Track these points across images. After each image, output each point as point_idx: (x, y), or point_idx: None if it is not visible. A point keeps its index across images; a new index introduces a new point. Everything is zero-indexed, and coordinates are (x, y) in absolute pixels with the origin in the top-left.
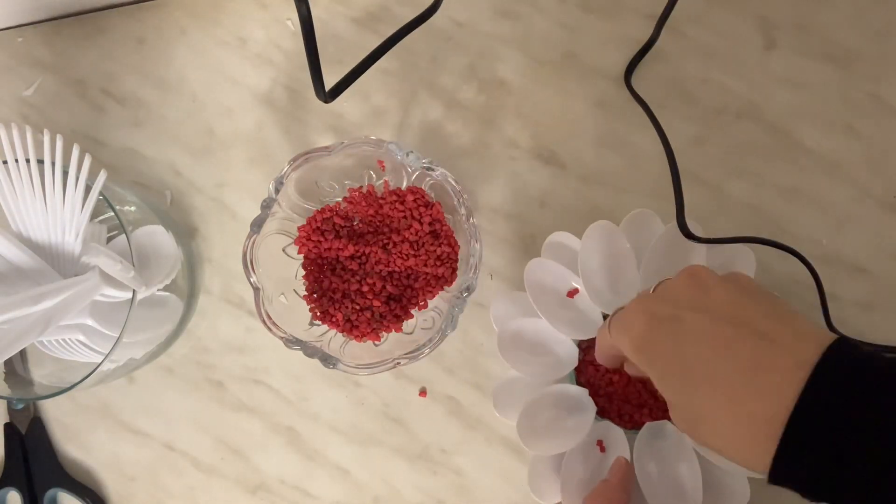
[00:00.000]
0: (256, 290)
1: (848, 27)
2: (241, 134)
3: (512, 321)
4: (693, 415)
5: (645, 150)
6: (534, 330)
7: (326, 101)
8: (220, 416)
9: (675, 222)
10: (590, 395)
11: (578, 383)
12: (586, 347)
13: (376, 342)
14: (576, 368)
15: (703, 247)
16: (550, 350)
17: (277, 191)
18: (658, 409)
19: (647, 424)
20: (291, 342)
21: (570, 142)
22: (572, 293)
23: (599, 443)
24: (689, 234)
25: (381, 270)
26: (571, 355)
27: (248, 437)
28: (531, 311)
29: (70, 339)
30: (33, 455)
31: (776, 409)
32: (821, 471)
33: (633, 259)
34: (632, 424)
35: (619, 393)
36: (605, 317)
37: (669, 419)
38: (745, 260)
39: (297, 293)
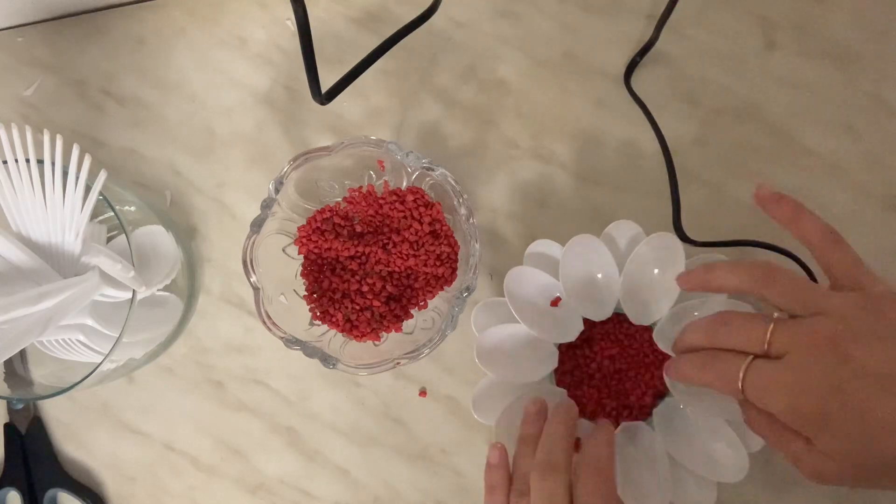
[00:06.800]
0: (256, 290)
1: (848, 27)
2: (241, 134)
3: (490, 330)
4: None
5: (645, 150)
6: (513, 335)
7: (323, 103)
8: (220, 416)
9: (658, 232)
10: (568, 395)
11: (557, 384)
12: (565, 348)
13: (376, 342)
14: (554, 370)
15: (683, 255)
16: (530, 353)
17: (277, 191)
18: (634, 409)
19: (623, 424)
20: (291, 342)
21: (569, 142)
22: (555, 302)
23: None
24: (684, 238)
25: (381, 270)
26: (551, 357)
27: (248, 437)
28: (513, 317)
29: (70, 339)
30: (33, 455)
31: None
32: None
33: (616, 269)
34: None
35: (596, 393)
36: (584, 321)
37: (642, 419)
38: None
39: (297, 293)
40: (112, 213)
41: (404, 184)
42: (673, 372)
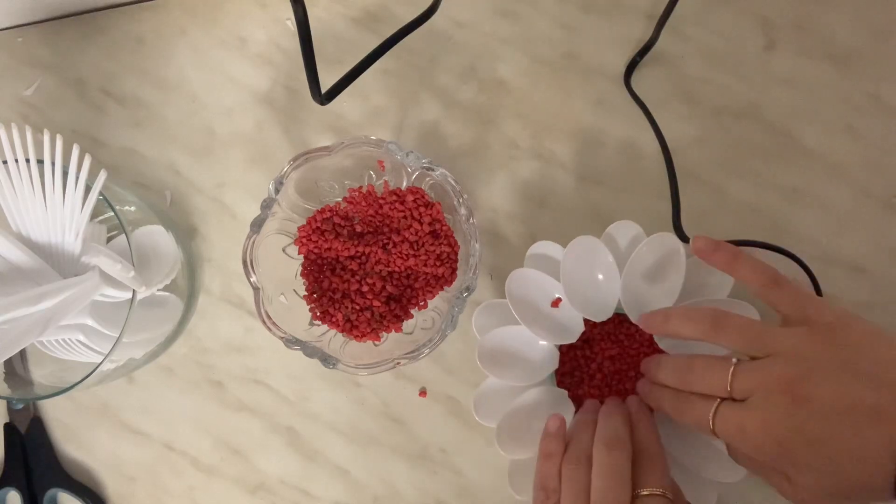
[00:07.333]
0: (256, 290)
1: (848, 27)
2: (241, 134)
3: (492, 332)
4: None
5: (645, 150)
6: (515, 337)
7: (322, 104)
8: (220, 416)
9: (659, 233)
10: (569, 396)
11: (558, 385)
12: (566, 349)
13: (376, 342)
14: (555, 371)
15: (683, 255)
16: (531, 355)
17: (277, 191)
18: None
19: None
20: (291, 342)
21: (569, 142)
22: (556, 303)
23: None
24: (684, 238)
25: (381, 270)
26: (552, 359)
27: (248, 437)
28: (513, 319)
29: (70, 339)
30: (33, 455)
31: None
32: None
33: (616, 270)
34: None
35: (597, 393)
36: (585, 322)
37: None
38: (721, 274)
39: (297, 293)
40: (112, 213)
41: (404, 184)
42: (653, 405)
